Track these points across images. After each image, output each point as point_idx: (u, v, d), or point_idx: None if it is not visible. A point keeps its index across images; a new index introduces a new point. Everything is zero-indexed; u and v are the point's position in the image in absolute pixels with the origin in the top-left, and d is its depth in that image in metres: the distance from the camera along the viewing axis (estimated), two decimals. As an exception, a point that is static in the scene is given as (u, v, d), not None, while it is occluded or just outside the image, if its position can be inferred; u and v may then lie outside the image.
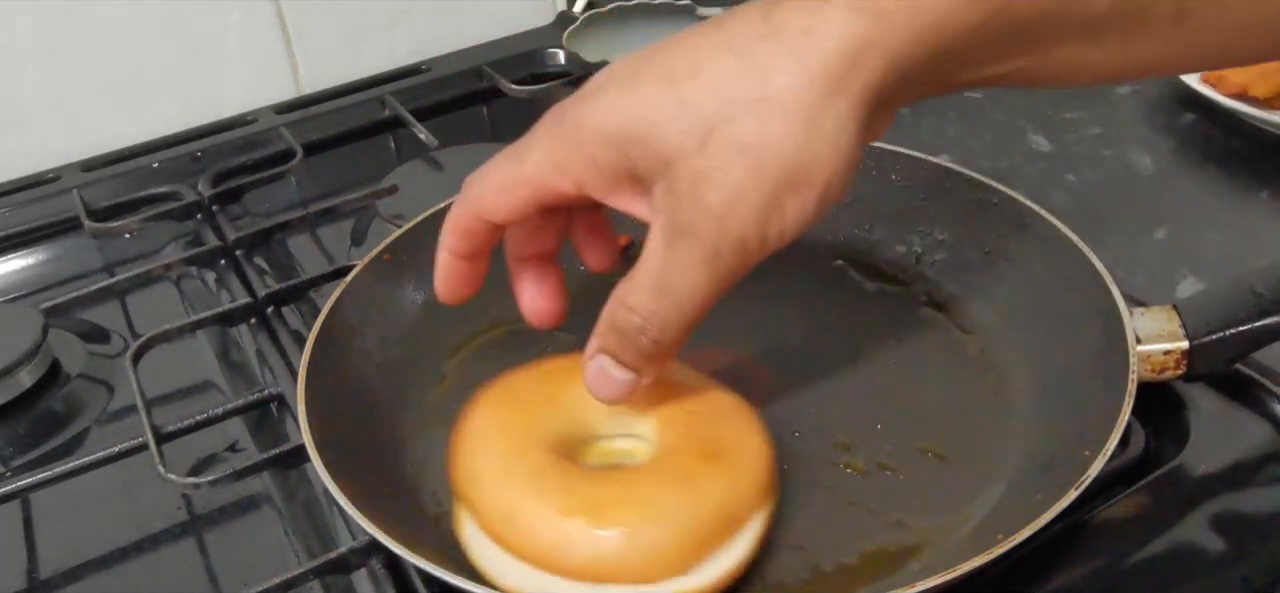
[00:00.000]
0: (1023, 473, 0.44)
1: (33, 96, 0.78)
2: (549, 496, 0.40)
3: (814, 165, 0.36)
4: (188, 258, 0.67)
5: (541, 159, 0.40)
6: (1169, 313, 0.46)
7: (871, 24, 0.35)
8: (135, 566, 0.49)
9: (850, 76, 0.35)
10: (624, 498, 0.40)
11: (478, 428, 0.44)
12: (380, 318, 0.54)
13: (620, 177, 0.39)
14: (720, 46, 0.37)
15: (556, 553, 0.39)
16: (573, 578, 0.39)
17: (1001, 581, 0.40)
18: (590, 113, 0.39)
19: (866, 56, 0.35)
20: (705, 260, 0.37)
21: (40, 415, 0.58)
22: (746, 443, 0.42)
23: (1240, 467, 0.44)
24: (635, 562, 0.38)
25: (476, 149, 0.76)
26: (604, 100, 0.38)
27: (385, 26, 0.88)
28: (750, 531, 0.41)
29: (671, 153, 0.37)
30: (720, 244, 0.37)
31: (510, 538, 0.40)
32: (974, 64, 0.37)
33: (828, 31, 0.35)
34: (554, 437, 0.43)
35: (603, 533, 0.38)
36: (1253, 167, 0.66)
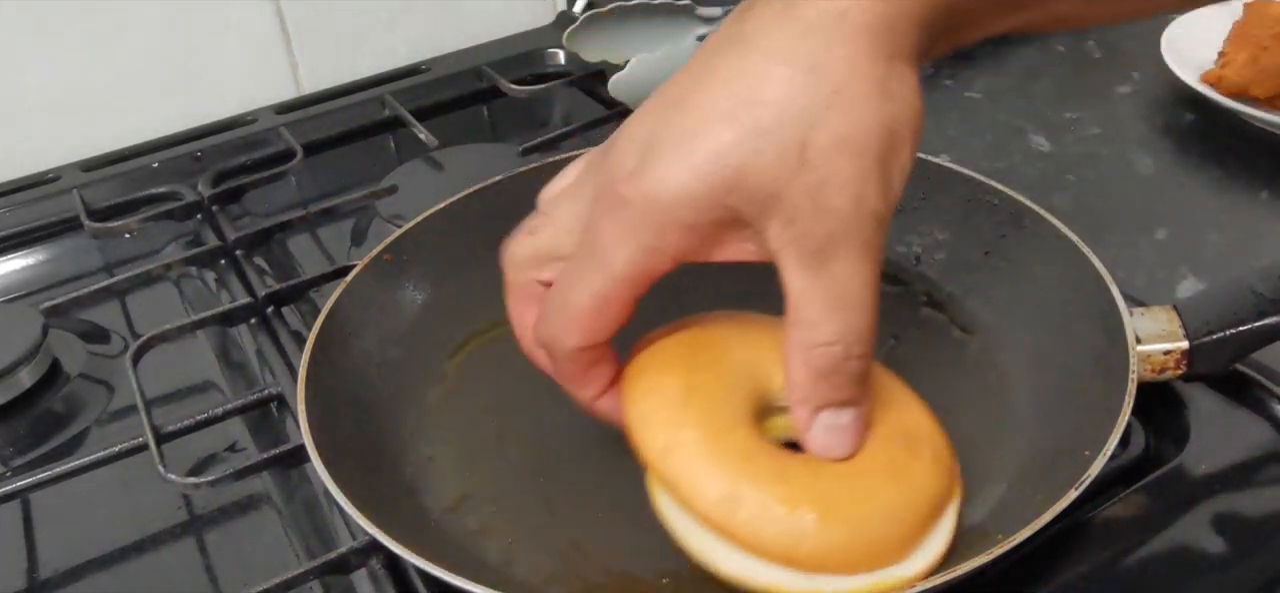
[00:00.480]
0: (1023, 473, 0.44)
1: (33, 96, 0.78)
2: (769, 484, 0.39)
3: (900, 125, 0.37)
4: (188, 258, 0.67)
5: (632, 254, 0.38)
6: (1169, 313, 0.46)
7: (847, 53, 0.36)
8: (135, 566, 0.49)
9: (894, 38, 0.36)
10: (847, 491, 0.39)
11: (671, 394, 0.42)
12: (380, 318, 0.54)
13: (721, 229, 0.38)
14: (765, 61, 0.36)
15: (784, 545, 0.38)
16: (798, 569, 0.39)
17: (1001, 581, 0.40)
18: (660, 185, 0.37)
19: (899, 20, 0.36)
20: (862, 255, 0.37)
21: (40, 415, 0.58)
22: (933, 428, 0.43)
23: (1240, 467, 0.44)
24: (860, 555, 0.39)
25: (476, 149, 0.76)
26: (668, 165, 0.37)
27: (385, 26, 0.88)
28: (950, 515, 0.41)
29: (773, 184, 0.36)
30: (865, 233, 0.37)
31: (731, 525, 0.39)
32: (985, 21, 0.39)
33: (858, 8, 0.36)
34: (745, 408, 0.42)
35: (831, 527, 0.38)
36: (1253, 167, 0.66)
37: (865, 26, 0.36)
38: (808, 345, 0.38)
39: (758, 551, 0.39)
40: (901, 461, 0.40)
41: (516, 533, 0.45)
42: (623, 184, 0.38)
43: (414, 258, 0.57)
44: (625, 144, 0.39)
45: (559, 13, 0.93)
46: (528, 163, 0.64)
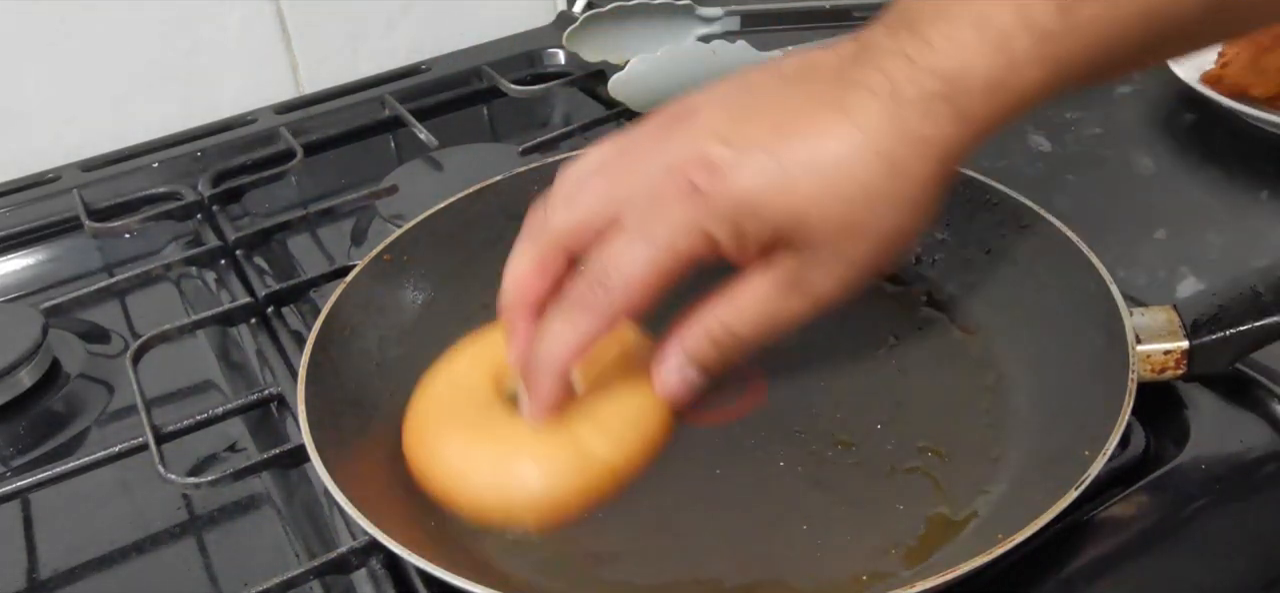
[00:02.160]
0: (1023, 473, 0.44)
1: (33, 96, 0.78)
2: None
3: (915, 238, 0.42)
4: (188, 258, 0.67)
5: (693, 240, 0.40)
6: (1169, 313, 0.46)
7: (965, 129, 0.39)
8: (135, 566, 0.49)
9: (955, 164, 0.40)
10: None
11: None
12: (380, 318, 0.54)
13: (758, 246, 0.41)
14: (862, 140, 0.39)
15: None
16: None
17: (1001, 580, 0.40)
18: (739, 189, 0.40)
19: (966, 150, 0.40)
20: (811, 310, 0.42)
21: (40, 415, 0.58)
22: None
23: (1240, 467, 0.44)
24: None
25: (476, 149, 0.76)
26: (750, 176, 0.40)
27: (385, 26, 0.88)
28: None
29: (821, 238, 0.40)
30: (825, 304, 0.42)
31: None
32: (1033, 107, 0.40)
33: (943, 143, 0.39)
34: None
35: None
36: (1253, 167, 0.66)
37: (941, 154, 0.39)
38: (721, 320, 0.43)
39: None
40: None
41: (516, 532, 0.45)
42: (700, 172, 0.40)
43: (414, 258, 0.57)
44: (697, 133, 0.41)
45: (559, 13, 0.93)
46: (528, 163, 0.64)
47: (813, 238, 0.40)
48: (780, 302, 0.42)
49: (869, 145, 0.39)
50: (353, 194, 0.70)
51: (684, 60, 0.71)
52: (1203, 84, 0.69)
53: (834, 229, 0.40)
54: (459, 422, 0.47)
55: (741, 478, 0.46)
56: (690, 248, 0.41)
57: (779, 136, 0.40)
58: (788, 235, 0.41)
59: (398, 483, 0.47)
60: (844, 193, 0.39)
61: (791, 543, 0.43)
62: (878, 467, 0.46)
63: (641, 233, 0.41)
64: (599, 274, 0.41)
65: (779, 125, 0.40)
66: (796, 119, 0.40)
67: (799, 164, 0.39)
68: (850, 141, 0.39)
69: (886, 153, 0.39)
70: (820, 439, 0.47)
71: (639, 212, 0.41)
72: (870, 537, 0.43)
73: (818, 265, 0.41)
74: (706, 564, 0.42)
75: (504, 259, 0.59)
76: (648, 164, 0.42)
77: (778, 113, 0.40)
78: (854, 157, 0.39)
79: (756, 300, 0.43)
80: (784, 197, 0.40)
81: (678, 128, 0.42)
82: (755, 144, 0.40)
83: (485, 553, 0.44)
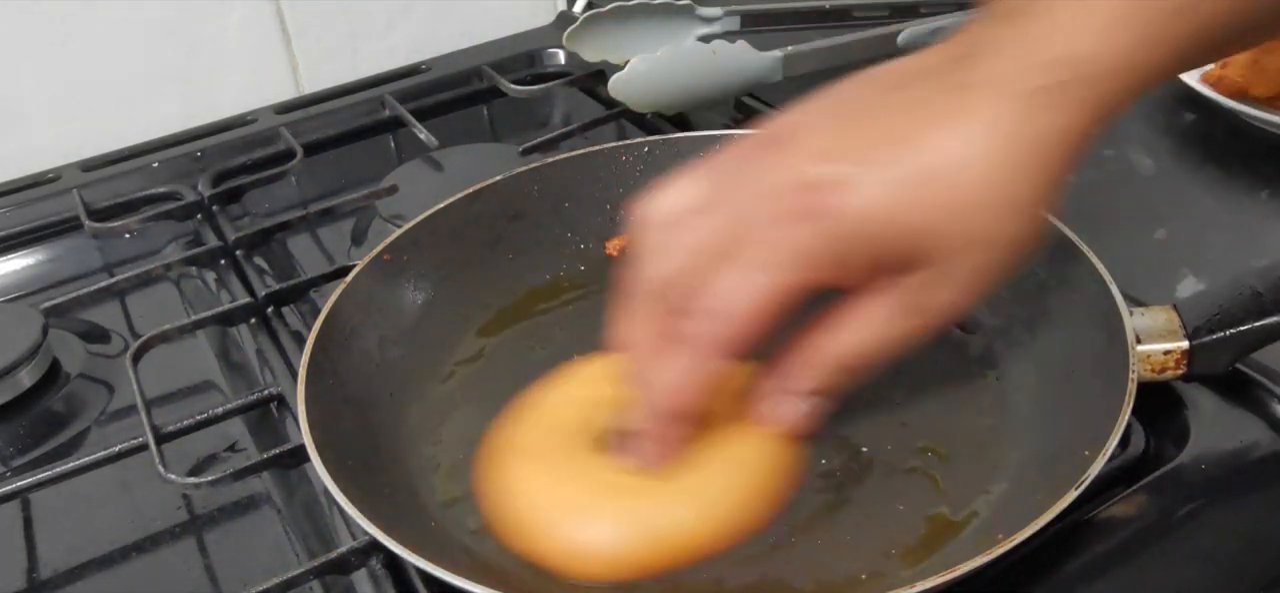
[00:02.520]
0: (1023, 473, 0.44)
1: (33, 96, 0.78)
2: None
3: (1041, 234, 0.40)
4: (188, 258, 0.67)
5: (809, 267, 0.38)
6: (1169, 313, 0.46)
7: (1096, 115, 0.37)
8: (135, 566, 0.49)
9: (1077, 159, 0.38)
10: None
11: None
12: (380, 318, 0.54)
13: (876, 268, 0.39)
14: (986, 139, 0.37)
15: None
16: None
17: (1001, 581, 0.40)
18: (860, 208, 0.37)
19: (1089, 142, 0.38)
20: (929, 330, 0.40)
21: (40, 415, 0.58)
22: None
23: (1240, 467, 0.44)
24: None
25: (476, 149, 0.76)
26: (870, 193, 0.37)
27: (385, 26, 0.88)
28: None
29: (947, 251, 0.38)
30: (948, 320, 0.40)
31: None
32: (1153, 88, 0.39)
33: (1077, 133, 0.37)
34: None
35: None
36: (1253, 167, 0.66)
37: (1075, 144, 0.37)
38: (832, 353, 0.41)
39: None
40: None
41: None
42: (812, 196, 0.37)
43: (414, 258, 0.57)
44: (802, 157, 0.38)
45: (559, 13, 0.93)
46: (528, 163, 0.64)
47: (937, 253, 0.38)
48: (899, 325, 0.40)
49: (996, 146, 0.37)
50: (353, 194, 0.70)
51: (684, 60, 0.71)
52: (1203, 84, 0.69)
53: (963, 241, 0.37)
54: (542, 461, 0.44)
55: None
56: (804, 278, 0.38)
57: (895, 148, 0.37)
58: (913, 253, 0.38)
59: (398, 483, 0.47)
60: (971, 201, 0.37)
61: (792, 543, 0.43)
62: (877, 467, 0.46)
63: (752, 265, 0.38)
64: (706, 308, 0.39)
65: (893, 136, 0.37)
66: (911, 127, 0.37)
67: (920, 175, 0.37)
68: (974, 144, 0.37)
69: (1014, 152, 0.37)
70: (820, 439, 0.47)
71: (747, 243, 0.38)
72: (870, 537, 0.43)
73: (941, 283, 0.38)
74: (706, 564, 0.42)
75: (504, 259, 0.59)
76: (749, 196, 0.39)
77: (888, 123, 0.38)
78: (980, 160, 0.37)
79: (872, 326, 0.40)
80: (906, 213, 0.37)
81: (778, 152, 0.39)
82: (869, 160, 0.37)
83: (485, 553, 0.44)
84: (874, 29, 0.76)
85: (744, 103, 0.74)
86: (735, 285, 0.38)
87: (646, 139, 0.64)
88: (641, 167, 0.63)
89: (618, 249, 0.60)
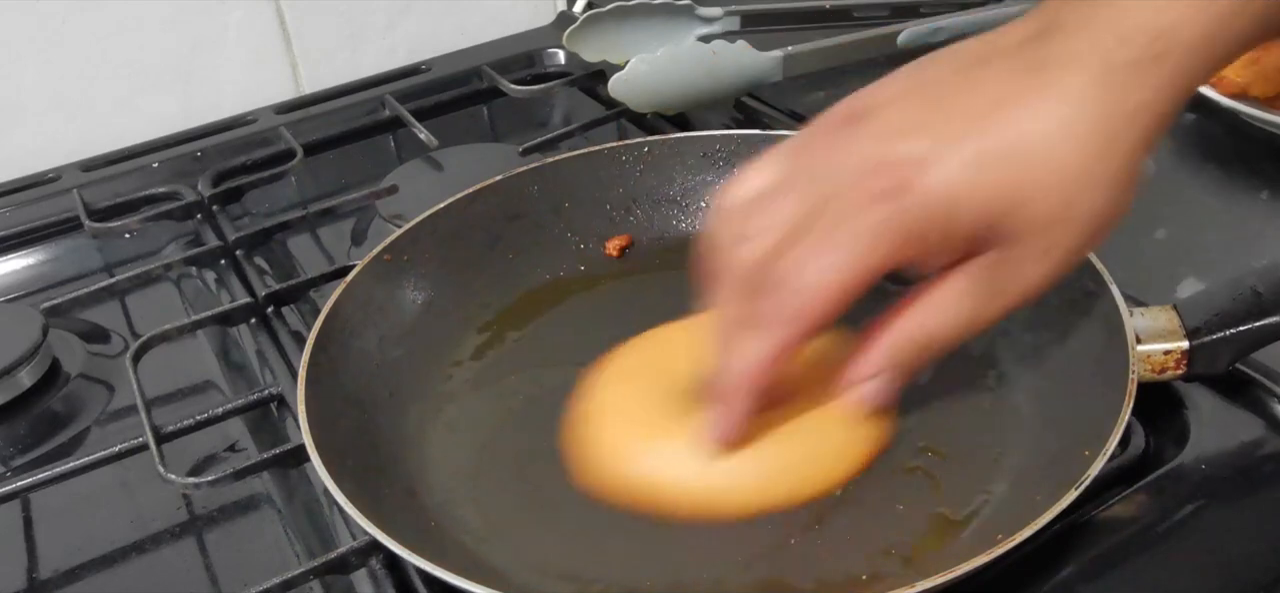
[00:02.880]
0: (1023, 473, 0.44)
1: (33, 96, 0.78)
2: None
3: (1123, 215, 0.39)
4: (188, 258, 0.67)
5: (893, 244, 0.37)
6: (1169, 313, 0.46)
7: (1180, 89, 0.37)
8: (135, 566, 0.49)
9: (1159, 134, 0.38)
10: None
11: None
12: (380, 318, 0.54)
13: (959, 246, 0.38)
14: (1070, 117, 0.37)
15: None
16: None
17: (1001, 581, 0.40)
18: (945, 184, 0.37)
19: (1172, 117, 0.38)
20: (1013, 309, 0.40)
21: (40, 415, 0.58)
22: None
23: (1240, 467, 0.44)
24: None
25: (476, 149, 0.76)
26: (957, 169, 0.37)
27: (385, 26, 0.88)
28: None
29: (1033, 227, 0.38)
30: (1030, 300, 0.40)
31: None
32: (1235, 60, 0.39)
33: (1160, 107, 0.37)
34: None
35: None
36: (1253, 167, 0.66)
37: (1157, 118, 0.37)
38: (916, 333, 0.40)
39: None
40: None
41: (517, 533, 0.45)
42: (895, 173, 0.37)
43: (414, 258, 0.57)
44: (881, 134, 0.38)
45: (559, 13, 0.93)
46: (528, 163, 0.64)
47: (1022, 230, 0.37)
48: (982, 304, 0.40)
49: (1082, 120, 0.36)
50: (353, 194, 0.70)
51: (684, 60, 0.71)
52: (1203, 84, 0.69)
53: (1045, 218, 0.37)
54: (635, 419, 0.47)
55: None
56: (886, 255, 0.37)
57: (978, 124, 0.37)
58: (995, 231, 0.38)
59: (398, 483, 0.47)
60: (1057, 176, 0.37)
61: (791, 543, 0.43)
62: (878, 467, 0.46)
63: (831, 241, 0.38)
64: (784, 285, 0.39)
65: (975, 111, 0.37)
66: (992, 103, 0.37)
67: (1004, 150, 0.36)
68: (1060, 118, 0.36)
69: (1101, 126, 0.36)
70: (820, 439, 0.47)
71: (827, 219, 0.38)
72: (870, 537, 0.43)
73: (1025, 260, 0.38)
74: (707, 564, 0.42)
75: (504, 259, 0.59)
76: (830, 175, 0.38)
77: (971, 98, 0.38)
78: (1065, 134, 0.36)
79: (956, 305, 0.40)
80: (991, 189, 0.37)
81: (857, 130, 0.39)
82: (952, 135, 0.37)
83: (485, 553, 0.44)
84: (874, 29, 0.76)
85: (744, 103, 0.74)
86: (816, 263, 0.38)
87: (646, 139, 0.64)
88: (641, 167, 0.63)
89: (618, 249, 0.60)
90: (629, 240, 0.61)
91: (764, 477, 0.44)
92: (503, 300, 0.57)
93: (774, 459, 0.44)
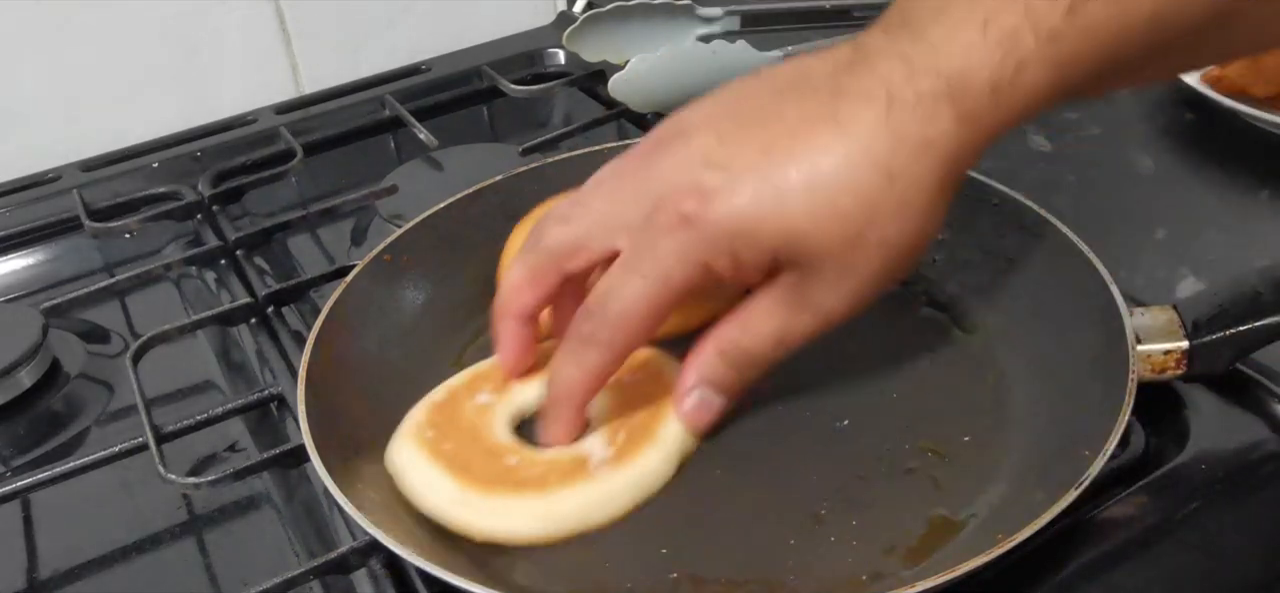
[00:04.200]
0: (1023, 473, 0.44)
1: (33, 96, 0.78)
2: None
3: (927, 241, 0.41)
4: (188, 258, 0.67)
5: (688, 271, 0.40)
6: (1169, 313, 0.46)
7: (970, 131, 0.39)
8: (135, 566, 0.49)
9: (961, 168, 0.40)
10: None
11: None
12: (380, 318, 0.54)
13: (757, 269, 0.41)
14: (856, 150, 0.39)
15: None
16: None
17: (1001, 581, 0.40)
18: (730, 218, 0.39)
19: (971, 153, 0.39)
20: (822, 325, 0.42)
21: (40, 415, 0.58)
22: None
23: (1240, 467, 0.44)
24: None
25: (476, 149, 0.76)
26: (741, 202, 0.39)
27: (385, 26, 0.88)
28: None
29: (822, 255, 0.40)
30: (838, 318, 0.42)
31: None
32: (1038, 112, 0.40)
33: (946, 146, 0.39)
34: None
35: None
36: (1253, 167, 0.66)
37: (945, 157, 0.39)
38: (732, 341, 0.43)
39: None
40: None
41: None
42: (690, 201, 0.40)
43: (414, 258, 0.57)
44: (688, 158, 0.41)
45: (559, 13, 0.93)
46: (528, 163, 0.64)
47: (813, 256, 0.40)
48: (790, 319, 0.42)
49: (864, 156, 0.38)
50: (353, 194, 0.70)
51: (684, 60, 0.71)
52: (1203, 84, 0.69)
53: (835, 245, 0.39)
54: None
55: (741, 479, 0.46)
56: (685, 278, 0.40)
57: (769, 157, 0.39)
58: (787, 256, 0.40)
59: (398, 483, 0.47)
60: (840, 208, 0.39)
61: (791, 544, 0.43)
62: (878, 467, 0.46)
63: (636, 266, 0.41)
64: (598, 309, 0.42)
65: (769, 145, 0.39)
66: (787, 136, 0.39)
67: (791, 184, 0.39)
68: (843, 155, 0.38)
69: (883, 162, 0.38)
70: (820, 440, 0.47)
71: (633, 242, 0.41)
72: (870, 537, 0.43)
73: (823, 282, 0.41)
74: (707, 565, 0.42)
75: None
76: (639, 188, 0.42)
77: (768, 131, 0.40)
78: (848, 169, 0.38)
79: (766, 318, 0.42)
80: (778, 220, 0.39)
81: (669, 150, 0.41)
82: (745, 167, 0.39)
83: (484, 553, 0.44)
84: (874, 29, 0.76)
85: (744, 103, 0.74)
86: (618, 288, 0.41)
87: (646, 139, 0.64)
88: (641, 167, 0.63)
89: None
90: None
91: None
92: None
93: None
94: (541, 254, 0.44)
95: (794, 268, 0.41)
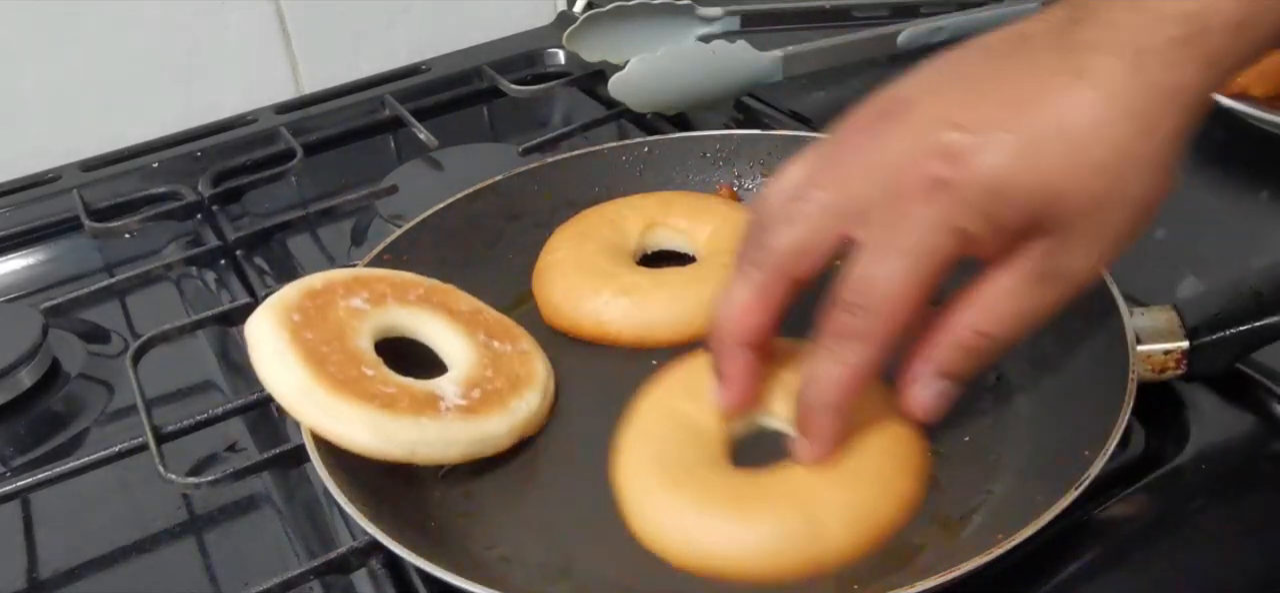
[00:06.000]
0: (1023, 473, 0.44)
1: (33, 96, 0.78)
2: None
3: (1166, 194, 0.39)
4: (188, 258, 0.67)
5: (948, 237, 0.37)
6: (1169, 313, 0.46)
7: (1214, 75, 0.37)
8: (135, 566, 0.49)
9: (1198, 115, 0.38)
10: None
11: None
12: (380, 318, 0.54)
13: (1012, 233, 0.38)
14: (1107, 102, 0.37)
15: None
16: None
17: (1001, 581, 0.40)
18: (991, 174, 0.36)
19: (1206, 105, 0.38)
20: (1066, 297, 0.39)
21: (40, 415, 0.58)
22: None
23: (1240, 467, 0.44)
24: None
25: (476, 149, 0.76)
26: (999, 155, 0.36)
27: (385, 26, 0.88)
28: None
29: (1075, 214, 0.37)
30: (1080, 287, 0.39)
31: None
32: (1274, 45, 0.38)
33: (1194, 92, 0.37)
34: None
35: None
36: (1253, 167, 0.66)
37: (1191, 105, 0.37)
38: (972, 326, 0.40)
39: None
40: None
41: (517, 533, 0.45)
42: (940, 165, 0.37)
43: (414, 258, 0.57)
44: (923, 125, 0.38)
45: (559, 13, 0.93)
46: (528, 163, 0.64)
47: (1068, 215, 0.37)
48: (1035, 294, 0.39)
49: (1117, 105, 0.36)
50: (353, 194, 0.70)
51: (684, 60, 0.71)
52: (1203, 84, 0.69)
53: (1089, 202, 0.37)
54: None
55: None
56: (946, 249, 0.37)
57: (1017, 110, 0.37)
58: (1042, 216, 0.37)
59: (398, 484, 0.47)
60: (1097, 161, 0.36)
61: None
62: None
63: (891, 245, 0.38)
64: (858, 300, 0.38)
65: (1013, 99, 0.37)
66: (1034, 89, 0.37)
67: (1047, 136, 0.36)
68: (1096, 105, 0.36)
69: (1136, 111, 0.36)
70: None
71: (879, 222, 0.38)
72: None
73: (1073, 247, 0.38)
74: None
75: (504, 259, 0.59)
76: (871, 166, 0.38)
77: (1006, 87, 0.37)
78: (1103, 120, 0.36)
79: (1009, 297, 0.39)
80: (1034, 174, 0.36)
81: (895, 121, 0.38)
82: (993, 123, 0.37)
83: (484, 554, 0.44)
84: (874, 29, 0.76)
85: (744, 103, 0.74)
86: (876, 272, 0.38)
87: (646, 139, 0.64)
88: (641, 167, 0.63)
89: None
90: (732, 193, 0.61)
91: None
92: (503, 300, 0.57)
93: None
94: (767, 266, 0.40)
95: (1042, 235, 0.38)
